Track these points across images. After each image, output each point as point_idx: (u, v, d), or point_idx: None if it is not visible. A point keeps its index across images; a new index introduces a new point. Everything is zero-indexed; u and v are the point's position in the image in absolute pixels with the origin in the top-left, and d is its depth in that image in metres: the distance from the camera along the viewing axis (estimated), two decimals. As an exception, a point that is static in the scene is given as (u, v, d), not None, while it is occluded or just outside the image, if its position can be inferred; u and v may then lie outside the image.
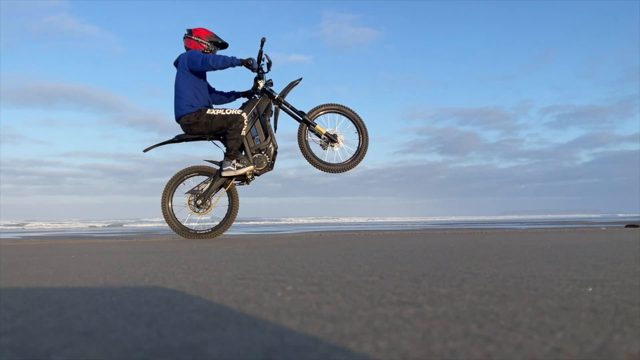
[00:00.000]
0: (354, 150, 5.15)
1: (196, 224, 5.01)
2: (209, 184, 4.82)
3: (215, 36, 4.87)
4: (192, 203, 4.81)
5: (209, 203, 4.87)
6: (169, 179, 4.87)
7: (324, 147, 5.07)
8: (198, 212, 4.85)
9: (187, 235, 4.87)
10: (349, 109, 5.15)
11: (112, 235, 9.48)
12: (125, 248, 3.66)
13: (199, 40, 4.78)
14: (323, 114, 5.12)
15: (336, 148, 5.08)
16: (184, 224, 4.92)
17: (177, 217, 4.90)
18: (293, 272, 1.71)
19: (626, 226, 6.73)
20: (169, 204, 4.87)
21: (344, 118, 5.20)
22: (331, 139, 5.02)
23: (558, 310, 0.98)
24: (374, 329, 0.84)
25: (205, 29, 4.81)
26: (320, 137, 5.05)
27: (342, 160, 5.07)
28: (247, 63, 4.60)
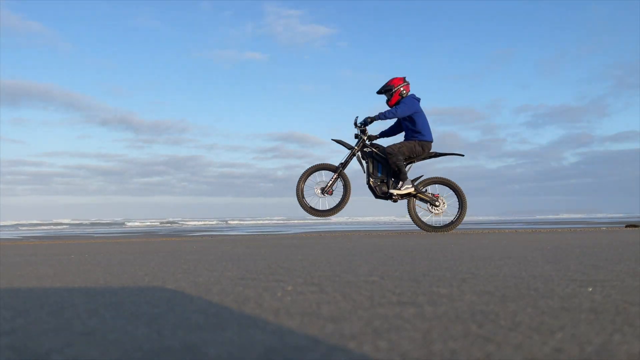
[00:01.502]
0: None
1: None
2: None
3: None
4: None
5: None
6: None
7: None
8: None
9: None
10: None
11: (112, 235, 9.48)
12: (125, 248, 3.66)
13: None
14: None
15: None
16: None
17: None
18: (293, 272, 1.71)
19: (626, 226, 6.74)
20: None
21: None
22: None
23: (558, 310, 0.98)
24: (374, 329, 0.84)
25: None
26: None
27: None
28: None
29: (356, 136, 5.90)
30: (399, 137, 5.97)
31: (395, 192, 5.60)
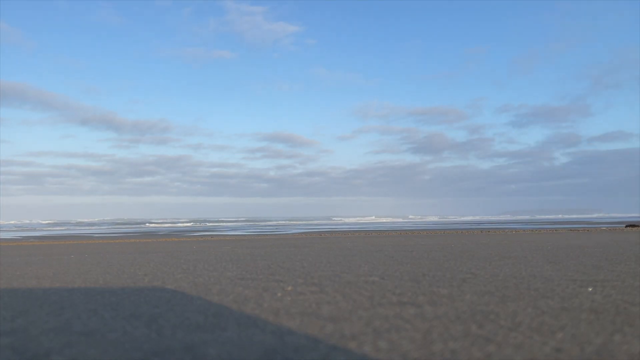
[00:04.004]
0: None
1: None
2: None
3: None
4: None
5: None
6: None
7: None
8: None
9: None
10: None
11: (112, 235, 9.48)
12: (125, 248, 3.65)
13: None
14: None
15: None
16: None
17: None
18: (293, 272, 1.71)
19: (626, 226, 6.74)
20: None
21: None
22: None
23: (558, 310, 0.98)
24: (374, 329, 0.84)
25: None
26: None
27: None
28: None
29: None
30: None
31: None
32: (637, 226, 6.35)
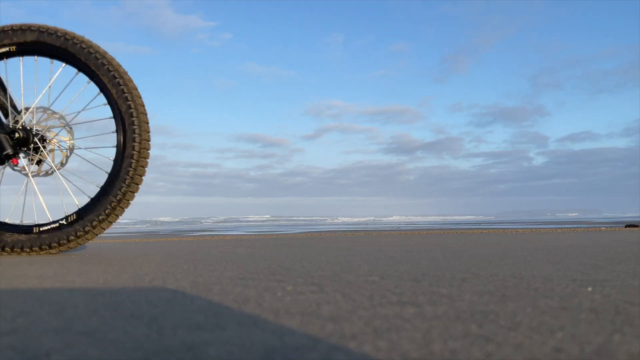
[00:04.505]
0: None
1: None
2: None
3: None
4: None
5: None
6: None
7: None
8: None
9: None
10: (82, 43, 2.23)
11: (112, 235, 9.48)
12: (125, 248, 3.66)
13: None
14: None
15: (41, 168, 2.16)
16: None
17: None
18: (293, 272, 1.71)
19: (626, 226, 6.75)
20: None
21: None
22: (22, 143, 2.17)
23: (558, 310, 0.98)
24: (374, 329, 0.84)
25: None
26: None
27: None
28: None
29: None
30: None
31: None
32: (637, 226, 6.35)
